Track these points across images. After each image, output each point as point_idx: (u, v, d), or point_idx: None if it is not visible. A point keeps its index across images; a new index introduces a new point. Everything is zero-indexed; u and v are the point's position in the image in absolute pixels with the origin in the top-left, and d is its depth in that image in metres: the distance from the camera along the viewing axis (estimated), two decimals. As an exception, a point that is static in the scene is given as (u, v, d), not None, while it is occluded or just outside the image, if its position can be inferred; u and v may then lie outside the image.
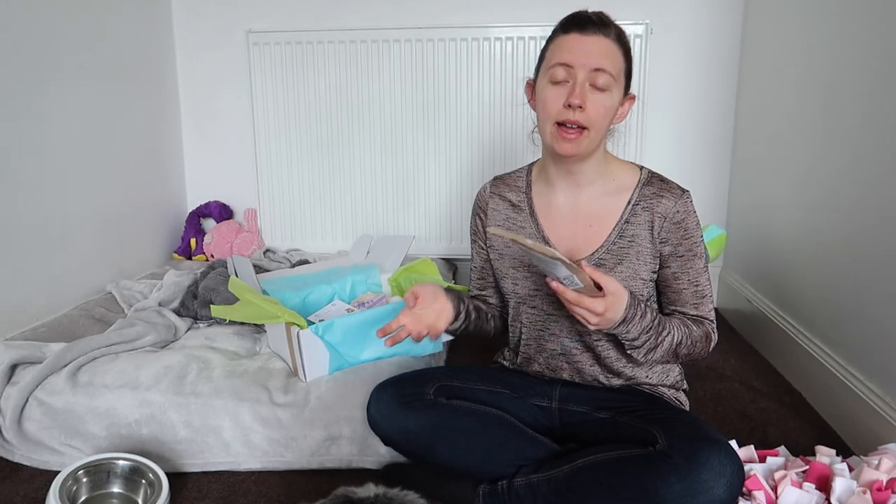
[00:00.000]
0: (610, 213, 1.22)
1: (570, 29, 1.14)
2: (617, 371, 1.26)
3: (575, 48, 1.12)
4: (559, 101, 1.13)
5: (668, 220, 1.18)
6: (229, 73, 2.40)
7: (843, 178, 1.55)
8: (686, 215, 1.19)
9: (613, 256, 1.20)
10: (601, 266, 1.20)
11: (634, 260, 1.20)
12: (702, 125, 2.30)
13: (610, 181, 1.23)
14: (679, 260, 1.20)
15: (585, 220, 1.23)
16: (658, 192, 1.20)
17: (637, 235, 1.20)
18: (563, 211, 1.25)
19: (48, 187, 1.78)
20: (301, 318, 1.41)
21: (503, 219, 1.31)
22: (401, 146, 2.33)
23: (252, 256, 2.29)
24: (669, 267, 1.21)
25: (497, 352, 1.45)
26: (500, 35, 2.21)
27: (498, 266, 1.31)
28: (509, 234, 1.03)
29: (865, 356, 1.44)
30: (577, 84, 1.11)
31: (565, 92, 1.12)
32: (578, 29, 1.13)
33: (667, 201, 1.19)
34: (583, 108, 1.11)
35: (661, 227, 1.19)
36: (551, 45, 1.17)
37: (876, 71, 1.42)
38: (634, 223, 1.20)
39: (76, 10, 1.87)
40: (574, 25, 1.14)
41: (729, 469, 0.99)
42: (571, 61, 1.12)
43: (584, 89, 1.11)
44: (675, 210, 1.18)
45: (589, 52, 1.11)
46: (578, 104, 1.11)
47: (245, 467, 1.35)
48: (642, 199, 1.20)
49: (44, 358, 1.45)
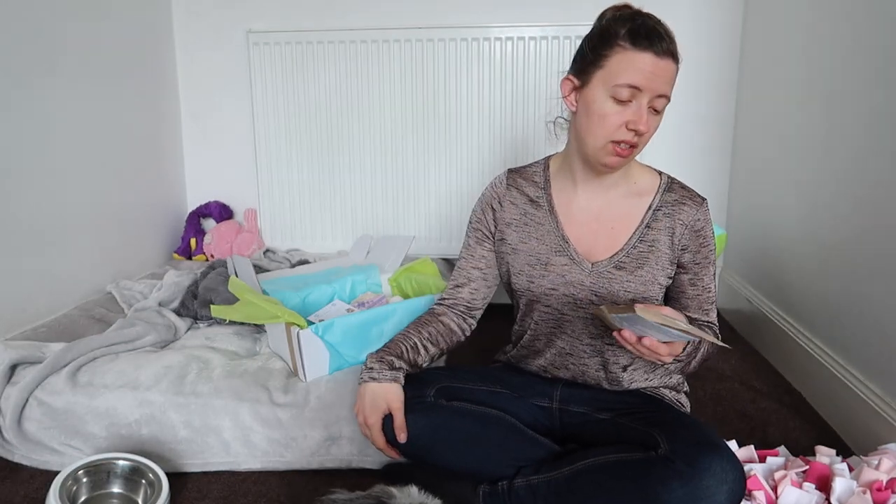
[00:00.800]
0: (632, 216, 1.22)
1: (643, 45, 1.08)
2: (619, 378, 1.26)
3: (649, 74, 1.08)
4: (620, 120, 1.10)
5: (689, 227, 1.20)
6: (229, 73, 2.40)
7: (843, 178, 1.55)
8: (705, 223, 1.21)
9: (633, 260, 1.20)
10: (622, 269, 1.20)
11: (654, 265, 1.20)
12: (702, 125, 2.30)
13: (632, 184, 1.24)
14: (696, 267, 1.21)
15: (608, 221, 1.23)
16: (680, 199, 1.21)
17: (657, 241, 1.20)
18: (586, 211, 1.25)
19: (48, 187, 1.78)
20: (301, 318, 1.41)
21: (520, 213, 1.28)
22: (401, 146, 2.33)
23: (252, 256, 2.29)
24: (687, 273, 1.22)
25: (497, 352, 1.45)
26: (500, 35, 2.21)
27: (511, 261, 1.28)
28: (649, 312, 0.98)
29: (865, 356, 1.44)
30: (642, 109, 1.10)
31: (628, 114, 1.10)
32: (652, 48, 1.08)
33: (689, 209, 1.20)
34: (644, 133, 1.12)
35: (682, 234, 1.20)
36: (617, 56, 1.09)
37: (876, 70, 1.42)
38: (655, 228, 1.21)
39: (76, 10, 1.87)
40: (647, 42, 1.08)
41: (731, 476, 0.99)
42: (643, 86, 1.08)
43: (647, 115, 1.11)
44: (696, 218, 1.20)
45: (660, 79, 1.09)
46: (644, 132, 1.11)
47: (245, 467, 1.35)
48: (664, 204, 1.21)
49: (44, 358, 1.45)
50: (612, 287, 1.20)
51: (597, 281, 1.21)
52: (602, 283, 1.21)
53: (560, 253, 1.24)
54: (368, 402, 1.18)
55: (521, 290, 1.28)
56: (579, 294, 1.23)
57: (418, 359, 1.27)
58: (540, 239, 1.26)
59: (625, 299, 1.20)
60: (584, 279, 1.22)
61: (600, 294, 1.21)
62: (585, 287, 1.22)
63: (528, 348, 1.32)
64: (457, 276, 1.36)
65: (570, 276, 1.23)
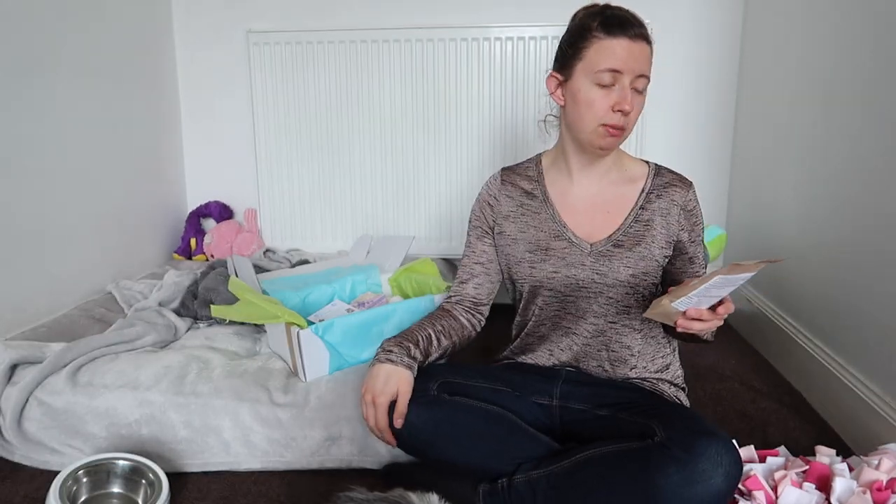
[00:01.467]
0: (626, 199, 1.29)
1: (616, 33, 1.16)
2: (624, 359, 1.28)
3: (626, 56, 1.16)
4: (607, 103, 1.18)
5: (682, 207, 1.28)
6: (229, 73, 2.40)
7: (843, 178, 1.55)
8: (695, 204, 1.29)
9: (630, 238, 1.26)
10: (620, 246, 1.26)
11: (650, 242, 1.26)
12: (702, 125, 2.30)
13: (623, 171, 1.31)
14: (692, 246, 1.28)
15: (603, 206, 1.30)
16: (669, 182, 1.29)
17: (652, 220, 1.27)
18: (581, 198, 1.31)
19: (48, 187, 1.78)
20: (301, 318, 1.41)
21: (516, 205, 1.34)
22: (401, 146, 2.33)
23: (252, 256, 2.28)
24: (687, 252, 1.28)
25: (497, 351, 1.45)
26: (501, 35, 2.21)
27: (511, 252, 1.33)
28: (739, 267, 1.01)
29: (865, 356, 1.44)
30: (626, 90, 1.17)
31: (613, 97, 1.18)
32: (624, 33, 1.16)
33: (679, 191, 1.28)
34: (630, 112, 1.19)
35: (678, 215, 1.27)
36: (594, 46, 1.18)
37: (876, 70, 1.42)
38: (649, 209, 1.27)
39: (76, 9, 1.87)
40: (619, 29, 1.16)
41: (727, 459, 1.00)
42: (622, 69, 1.16)
43: (631, 96, 1.18)
44: (687, 199, 1.28)
45: (637, 60, 1.17)
46: (629, 111, 1.18)
47: (245, 467, 1.35)
48: (655, 188, 1.29)
49: (44, 358, 1.45)
50: (613, 264, 1.25)
51: (597, 260, 1.26)
52: (602, 262, 1.26)
53: (559, 237, 1.29)
54: (382, 380, 1.19)
55: (523, 278, 1.31)
56: (581, 275, 1.27)
57: (431, 349, 1.29)
58: (538, 227, 1.31)
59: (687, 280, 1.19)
60: (584, 259, 1.27)
61: (601, 272, 1.26)
62: (587, 267, 1.26)
63: (533, 335, 1.35)
64: (461, 273, 1.41)
65: (570, 258, 1.27)
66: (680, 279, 1.28)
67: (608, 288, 1.26)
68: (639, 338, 1.30)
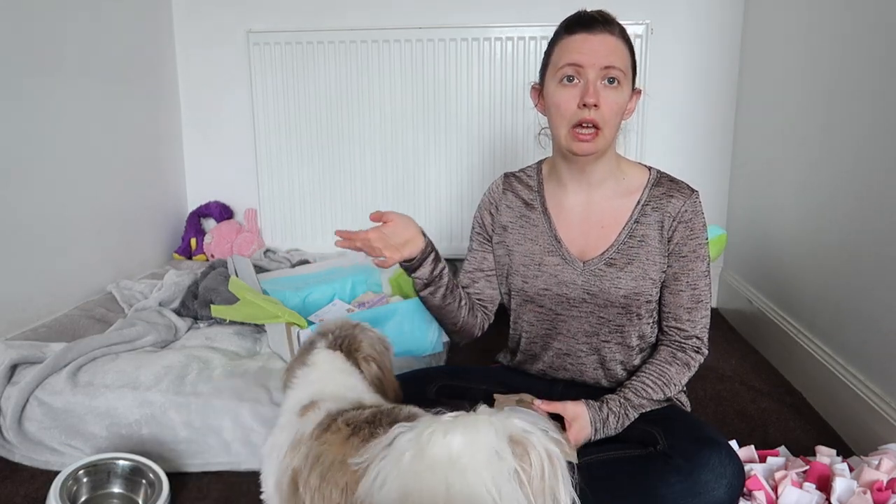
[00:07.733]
0: (620, 213, 1.22)
1: (576, 29, 1.14)
2: (617, 374, 1.26)
3: (583, 48, 1.12)
4: (573, 102, 1.13)
5: (676, 219, 1.19)
6: (229, 73, 2.40)
7: (843, 179, 1.55)
8: (694, 215, 1.19)
9: (623, 256, 1.20)
10: (612, 265, 1.20)
11: (644, 259, 1.20)
12: (702, 125, 2.30)
13: (620, 181, 1.23)
14: (682, 260, 1.19)
15: (597, 220, 1.23)
16: (667, 192, 1.20)
17: (647, 235, 1.20)
18: (575, 211, 1.25)
19: (48, 187, 1.78)
20: (301, 318, 1.41)
21: (516, 216, 1.30)
22: (401, 146, 2.33)
23: (252, 256, 2.29)
24: (671, 266, 1.20)
25: (498, 352, 1.45)
26: (500, 35, 2.21)
27: (507, 262, 1.29)
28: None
29: (865, 356, 1.44)
30: (589, 83, 1.12)
31: (578, 92, 1.12)
32: (584, 29, 1.13)
33: (676, 201, 1.19)
34: (597, 106, 1.11)
35: (670, 226, 1.19)
36: (557, 47, 1.17)
37: (877, 71, 1.42)
38: (644, 223, 1.20)
39: (76, 10, 1.87)
40: (579, 25, 1.14)
41: (730, 470, 0.99)
42: (581, 61, 1.12)
43: (596, 88, 1.12)
44: (684, 209, 1.19)
45: (597, 51, 1.12)
46: (594, 103, 1.11)
47: (245, 467, 1.35)
48: (652, 199, 1.21)
49: (44, 358, 1.45)
50: (604, 285, 1.20)
51: (588, 279, 1.22)
52: (593, 282, 1.21)
53: (552, 253, 1.24)
54: (404, 218, 1.25)
55: (515, 289, 1.29)
56: (572, 293, 1.23)
57: (444, 273, 1.26)
58: (534, 240, 1.27)
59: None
60: (576, 278, 1.22)
61: (592, 293, 1.21)
62: (577, 286, 1.22)
63: (526, 353, 1.32)
64: (462, 277, 1.37)
65: (562, 276, 1.23)
66: (662, 297, 1.23)
67: (599, 308, 1.22)
68: (634, 355, 1.25)
